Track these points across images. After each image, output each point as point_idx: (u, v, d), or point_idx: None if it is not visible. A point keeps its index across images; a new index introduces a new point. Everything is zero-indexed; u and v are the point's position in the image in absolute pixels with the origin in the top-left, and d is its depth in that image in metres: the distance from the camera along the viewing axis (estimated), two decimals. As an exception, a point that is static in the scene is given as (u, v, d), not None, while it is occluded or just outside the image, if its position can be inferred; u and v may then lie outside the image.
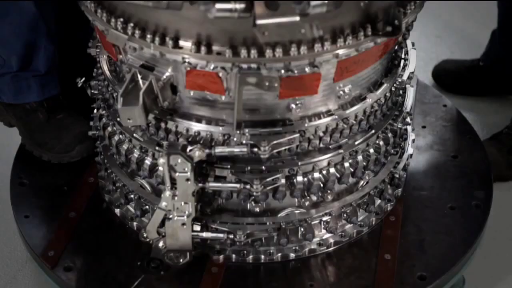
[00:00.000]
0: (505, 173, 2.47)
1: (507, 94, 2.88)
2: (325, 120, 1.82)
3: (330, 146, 1.86)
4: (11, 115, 2.39)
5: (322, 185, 1.89)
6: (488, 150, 2.39)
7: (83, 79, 2.10)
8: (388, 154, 2.05)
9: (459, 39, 3.32)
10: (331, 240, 2.01)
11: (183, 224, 1.86)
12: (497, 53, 2.80)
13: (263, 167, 1.82)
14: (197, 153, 1.75)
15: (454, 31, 3.37)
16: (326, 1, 1.48)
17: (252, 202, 1.88)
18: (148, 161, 1.92)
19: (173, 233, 1.88)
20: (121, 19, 1.68)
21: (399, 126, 2.02)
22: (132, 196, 2.05)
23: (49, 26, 2.28)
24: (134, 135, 1.91)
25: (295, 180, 1.85)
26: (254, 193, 1.83)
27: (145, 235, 1.96)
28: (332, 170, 1.89)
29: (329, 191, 1.92)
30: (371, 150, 1.95)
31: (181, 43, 1.65)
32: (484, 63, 2.87)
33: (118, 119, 1.90)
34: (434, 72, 2.99)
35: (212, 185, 1.83)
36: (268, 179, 1.82)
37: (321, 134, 1.83)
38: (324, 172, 1.88)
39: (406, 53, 2.05)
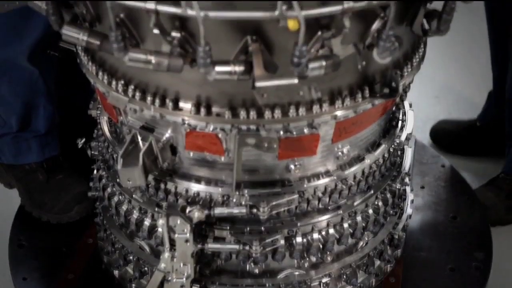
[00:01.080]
0: (504, 218, 2.47)
1: (504, 154, 2.89)
2: (324, 181, 1.82)
3: (329, 207, 1.86)
4: (11, 176, 2.39)
5: (321, 246, 1.88)
6: (485, 195, 2.39)
7: (84, 140, 2.11)
8: (387, 215, 2.05)
9: (456, 99, 3.35)
10: (331, 302, 2.00)
11: (182, 286, 1.84)
12: (494, 113, 2.82)
13: (262, 228, 1.82)
14: (197, 214, 1.75)
15: (451, 92, 3.40)
16: (324, 64, 1.50)
17: (251, 263, 1.87)
18: (147, 222, 1.92)
19: (172, 295, 1.87)
20: (122, 81, 1.70)
21: (397, 186, 2.02)
22: (131, 257, 2.04)
23: (49, 86, 2.29)
24: (134, 196, 1.91)
25: (294, 241, 1.84)
26: (254, 254, 1.82)
27: (143, 297, 1.95)
28: (331, 231, 1.88)
29: (328, 252, 1.91)
30: (370, 211, 1.95)
31: (181, 104, 1.66)
32: (481, 123, 2.89)
33: (117, 180, 1.91)
34: (432, 132, 3.00)
35: (211, 246, 1.82)
36: (267, 240, 1.81)
37: (320, 194, 1.83)
38: (323, 233, 1.88)
39: (404, 114, 2.06)
